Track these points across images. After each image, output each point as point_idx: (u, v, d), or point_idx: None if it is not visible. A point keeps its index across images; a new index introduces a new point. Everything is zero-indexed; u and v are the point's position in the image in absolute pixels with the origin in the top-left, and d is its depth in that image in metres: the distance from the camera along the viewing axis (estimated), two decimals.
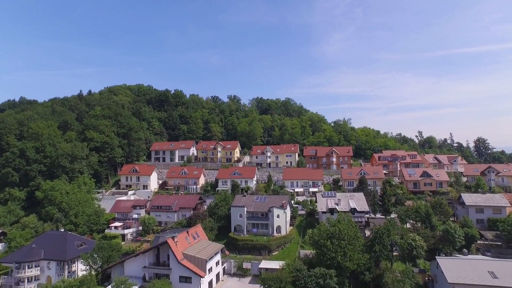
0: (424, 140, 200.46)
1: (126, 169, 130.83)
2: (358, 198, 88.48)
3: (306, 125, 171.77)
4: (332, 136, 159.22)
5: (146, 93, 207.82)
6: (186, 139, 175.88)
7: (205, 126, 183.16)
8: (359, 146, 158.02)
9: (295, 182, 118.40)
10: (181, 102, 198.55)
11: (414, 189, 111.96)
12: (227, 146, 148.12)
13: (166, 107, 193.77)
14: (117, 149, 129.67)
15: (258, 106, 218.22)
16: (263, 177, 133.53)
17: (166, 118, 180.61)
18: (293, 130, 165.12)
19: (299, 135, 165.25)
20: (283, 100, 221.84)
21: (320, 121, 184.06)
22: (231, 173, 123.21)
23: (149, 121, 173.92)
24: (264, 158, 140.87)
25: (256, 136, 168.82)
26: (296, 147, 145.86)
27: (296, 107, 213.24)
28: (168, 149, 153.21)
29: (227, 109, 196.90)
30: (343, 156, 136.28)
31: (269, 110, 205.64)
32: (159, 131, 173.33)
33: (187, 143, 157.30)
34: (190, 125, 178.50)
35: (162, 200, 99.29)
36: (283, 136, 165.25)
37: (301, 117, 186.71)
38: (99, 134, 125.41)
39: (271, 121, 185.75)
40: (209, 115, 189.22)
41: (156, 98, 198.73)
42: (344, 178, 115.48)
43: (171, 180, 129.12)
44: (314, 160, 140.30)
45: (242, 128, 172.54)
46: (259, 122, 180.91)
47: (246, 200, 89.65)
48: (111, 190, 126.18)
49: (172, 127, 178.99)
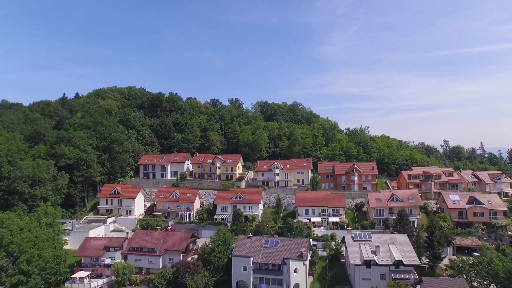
0: (451, 150, 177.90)
1: (106, 190, 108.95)
2: (402, 243, 66.31)
3: (318, 134, 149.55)
4: (349, 147, 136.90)
5: (138, 96, 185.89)
6: (180, 150, 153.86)
7: (203, 134, 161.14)
8: (381, 160, 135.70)
9: (310, 209, 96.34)
10: (176, 106, 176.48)
11: (459, 220, 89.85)
12: (228, 160, 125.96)
13: (159, 113, 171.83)
14: (96, 166, 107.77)
15: (262, 111, 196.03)
16: (270, 199, 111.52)
17: (159, 126, 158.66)
18: (303, 140, 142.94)
19: (311, 146, 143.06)
20: (290, 105, 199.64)
21: (333, 129, 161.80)
22: (232, 197, 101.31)
23: (139, 129, 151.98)
24: (272, 176, 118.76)
25: (261, 147, 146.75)
26: (309, 162, 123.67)
27: (305, 112, 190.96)
28: (159, 163, 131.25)
29: (228, 114, 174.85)
30: (366, 174, 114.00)
31: (275, 116, 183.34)
32: (150, 141, 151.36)
33: (181, 156, 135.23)
34: (185, 134, 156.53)
35: (144, 238, 77.28)
36: (292, 148, 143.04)
37: (312, 124, 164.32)
38: (73, 149, 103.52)
39: (277, 129, 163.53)
40: (207, 122, 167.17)
41: (148, 103, 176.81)
42: (372, 205, 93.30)
43: (159, 204, 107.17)
44: (331, 178, 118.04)
45: (244, 137, 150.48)
46: (264, 130, 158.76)
47: (252, 245, 67.68)
48: (87, 217, 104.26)
49: (165, 136, 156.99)
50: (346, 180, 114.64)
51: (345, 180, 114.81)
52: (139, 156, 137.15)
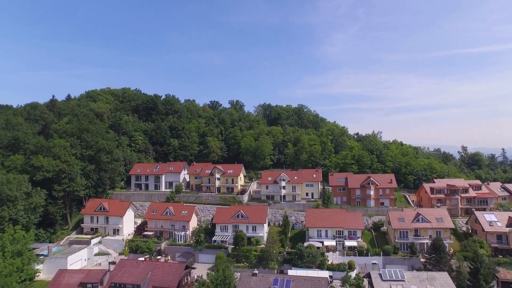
0: (469, 157, 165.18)
1: (91, 206, 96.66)
2: (443, 285, 53.81)
3: (327, 141, 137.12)
4: (362, 156, 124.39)
5: (132, 98, 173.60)
6: (177, 157, 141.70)
7: (201, 140, 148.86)
8: (396, 170, 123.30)
9: (323, 231, 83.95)
10: (173, 110, 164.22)
11: (498, 245, 77.49)
12: (228, 171, 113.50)
13: (154, 116, 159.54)
14: (79, 179, 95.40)
15: (265, 114, 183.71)
16: (276, 216, 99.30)
17: (153, 131, 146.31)
18: (311, 147, 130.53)
19: (319, 154, 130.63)
20: (294, 107, 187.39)
21: (342, 134, 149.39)
22: (234, 215, 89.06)
23: (131, 135, 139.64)
24: (277, 189, 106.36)
25: (264, 154, 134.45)
26: (318, 173, 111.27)
27: (311, 116, 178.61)
28: (152, 174, 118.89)
29: (228, 118, 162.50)
30: (383, 187, 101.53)
31: (279, 120, 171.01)
32: (144, 147, 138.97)
33: (177, 165, 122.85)
34: (182, 140, 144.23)
35: (129, 271, 64.89)
36: (299, 156, 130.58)
37: (320, 129, 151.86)
38: (52, 160, 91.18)
39: (282, 134, 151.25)
40: (206, 126, 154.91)
41: (143, 105, 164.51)
42: (395, 225, 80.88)
43: (151, 222, 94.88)
44: (344, 192, 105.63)
45: (246, 144, 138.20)
46: (267, 135, 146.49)
47: (257, 283, 55.35)
48: (68, 237, 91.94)
49: (160, 142, 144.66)
50: (361, 195, 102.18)
51: (360, 195, 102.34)
52: (131, 165, 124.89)
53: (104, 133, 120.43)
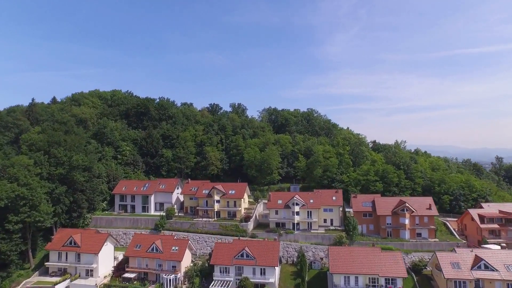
0: (504, 169, 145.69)
1: (60, 240, 77.66)
2: None
3: (345, 152, 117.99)
4: (387, 171, 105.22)
5: (122, 102, 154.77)
6: (170, 171, 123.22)
7: (199, 150, 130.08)
8: (428, 187, 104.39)
9: (352, 277, 64.91)
10: (167, 115, 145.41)
11: None
12: (229, 192, 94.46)
13: (146, 123, 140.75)
14: (44, 205, 76.41)
15: (270, 119, 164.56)
16: (289, 251, 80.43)
17: (144, 140, 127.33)
18: (326, 161, 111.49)
19: (335, 168, 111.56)
20: (303, 112, 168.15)
21: (360, 144, 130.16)
22: (237, 254, 70.23)
23: (118, 145, 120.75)
24: (289, 215, 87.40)
25: (272, 168, 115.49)
26: (339, 195, 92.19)
27: (322, 121, 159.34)
28: (139, 193, 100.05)
29: (229, 125, 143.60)
30: (421, 215, 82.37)
31: (287, 126, 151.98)
32: (132, 159, 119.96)
33: (168, 183, 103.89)
34: (177, 150, 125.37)
35: None
36: (312, 170, 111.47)
37: (335, 138, 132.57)
38: (8, 183, 72.33)
39: (291, 144, 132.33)
40: (204, 134, 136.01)
41: (133, 110, 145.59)
42: (448, 274, 61.78)
43: (134, 260, 75.94)
44: (371, 219, 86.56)
45: (251, 155, 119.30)
46: (274, 145, 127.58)
47: None
48: (27, 281, 73.02)
49: (151, 153, 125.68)
50: (393, 223, 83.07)
51: (392, 223, 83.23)
52: (115, 181, 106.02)
53: (83, 145, 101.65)
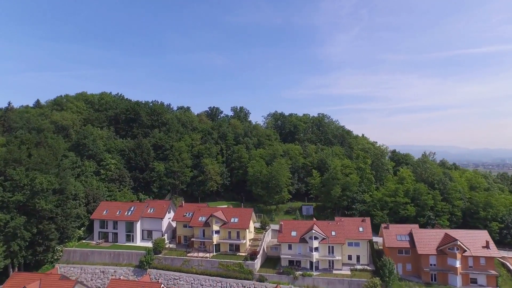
0: None
1: None
2: None
3: (366, 167, 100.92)
4: (419, 191, 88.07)
5: (110, 106, 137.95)
6: (162, 187, 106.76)
7: (196, 162, 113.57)
8: (469, 211, 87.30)
9: None
10: (160, 121, 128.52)
11: None
12: (232, 220, 77.23)
13: (136, 131, 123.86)
14: None
15: (276, 125, 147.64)
16: None
17: (132, 151, 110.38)
18: (345, 178, 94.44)
19: (355, 186, 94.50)
20: (313, 117, 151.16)
21: (382, 155, 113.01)
22: None
23: (101, 158, 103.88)
24: (306, 251, 70.27)
25: (281, 185, 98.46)
26: (367, 226, 74.65)
27: (335, 128, 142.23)
28: (123, 219, 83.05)
29: (231, 132, 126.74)
30: (476, 256, 65.00)
31: (296, 134, 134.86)
32: (118, 175, 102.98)
33: (158, 206, 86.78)
34: (170, 163, 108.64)
35: None
36: (329, 189, 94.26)
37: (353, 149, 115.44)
38: None
39: (302, 155, 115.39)
40: (202, 144, 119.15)
41: (122, 116, 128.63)
42: None
43: None
44: (408, 257, 69.22)
45: (256, 170, 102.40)
46: (283, 157, 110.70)
47: None
48: None
49: (140, 166, 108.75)
50: (439, 264, 65.85)
51: (436, 264, 66.03)
52: (96, 202, 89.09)
53: (57, 160, 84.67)
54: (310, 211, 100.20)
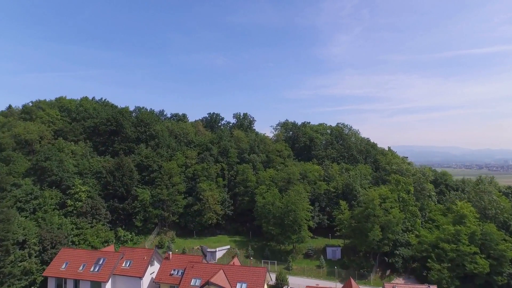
0: None
1: None
2: None
3: (410, 198, 78.16)
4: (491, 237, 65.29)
5: (89, 115, 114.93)
6: (147, 222, 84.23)
7: (190, 186, 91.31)
8: None
9: None
10: (148, 134, 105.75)
11: None
12: (239, 286, 54.39)
13: (117, 146, 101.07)
14: None
15: (287, 137, 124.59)
16: None
17: (110, 174, 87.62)
18: (388, 215, 71.71)
19: (399, 225, 71.71)
20: (330, 126, 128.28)
21: (424, 178, 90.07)
22: None
23: (68, 185, 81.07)
24: None
25: (299, 222, 75.70)
26: None
27: (357, 140, 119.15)
28: (87, 277, 60.15)
29: (234, 148, 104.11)
30: None
31: (312, 149, 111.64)
32: (90, 206, 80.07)
33: (137, 257, 63.80)
34: (158, 189, 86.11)
35: None
36: (364, 229, 71.39)
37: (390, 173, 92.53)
38: None
39: (323, 180, 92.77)
40: (198, 163, 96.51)
41: (102, 127, 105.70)
42: None
43: None
44: None
45: (267, 200, 79.76)
46: (300, 181, 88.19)
47: None
48: None
49: (120, 194, 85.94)
50: None
51: None
52: (56, 248, 66.39)
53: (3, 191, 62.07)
54: (337, 254, 77.76)
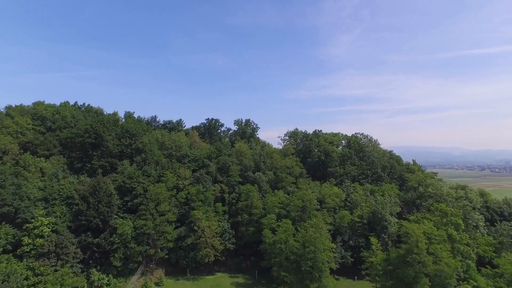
0: None
1: None
2: None
3: (461, 237, 61.48)
4: None
5: (66, 124, 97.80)
6: (129, 261, 67.51)
7: (182, 212, 74.52)
8: None
9: None
10: (134, 147, 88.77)
11: None
12: None
13: (96, 162, 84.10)
14: None
15: (297, 150, 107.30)
16: None
17: (84, 200, 70.53)
18: (438, 264, 54.97)
19: (453, 277, 55.00)
20: (345, 135, 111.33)
21: (472, 206, 73.24)
22: None
23: (25, 218, 64.08)
24: None
25: (319, 266, 58.94)
26: None
27: (379, 154, 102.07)
28: None
29: (234, 162, 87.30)
30: None
31: (329, 165, 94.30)
32: (55, 244, 62.89)
33: None
34: (143, 219, 69.27)
35: None
36: (404, 275, 54.66)
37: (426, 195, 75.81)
38: None
39: (345, 206, 76.01)
40: (193, 183, 79.67)
41: (78, 139, 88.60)
42: None
43: None
44: None
45: (278, 237, 62.97)
46: (318, 211, 71.49)
47: None
48: None
49: (95, 225, 68.86)
50: None
51: None
52: None
53: None
54: None
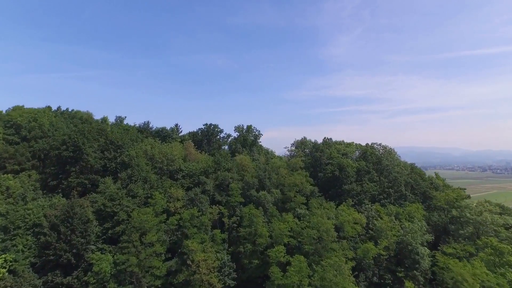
0: None
1: None
2: None
3: None
4: None
5: (44, 134, 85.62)
6: None
7: (174, 241, 62.38)
8: None
9: None
10: (118, 162, 76.61)
11: None
12: None
13: (73, 180, 71.91)
14: None
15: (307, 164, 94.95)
16: None
17: (54, 229, 58.40)
18: None
19: None
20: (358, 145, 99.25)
21: None
22: None
23: None
24: None
25: None
26: None
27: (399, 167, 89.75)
28: None
29: (235, 178, 75.24)
30: None
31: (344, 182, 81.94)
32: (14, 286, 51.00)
33: None
34: (124, 254, 57.06)
35: None
36: None
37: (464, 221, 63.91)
38: None
39: (367, 234, 64.06)
40: (186, 205, 67.50)
41: (55, 152, 76.38)
42: None
43: None
44: None
45: (289, 281, 50.86)
46: (334, 242, 59.49)
47: None
48: None
49: (66, 261, 56.69)
50: None
51: None
52: None
53: None
54: None
